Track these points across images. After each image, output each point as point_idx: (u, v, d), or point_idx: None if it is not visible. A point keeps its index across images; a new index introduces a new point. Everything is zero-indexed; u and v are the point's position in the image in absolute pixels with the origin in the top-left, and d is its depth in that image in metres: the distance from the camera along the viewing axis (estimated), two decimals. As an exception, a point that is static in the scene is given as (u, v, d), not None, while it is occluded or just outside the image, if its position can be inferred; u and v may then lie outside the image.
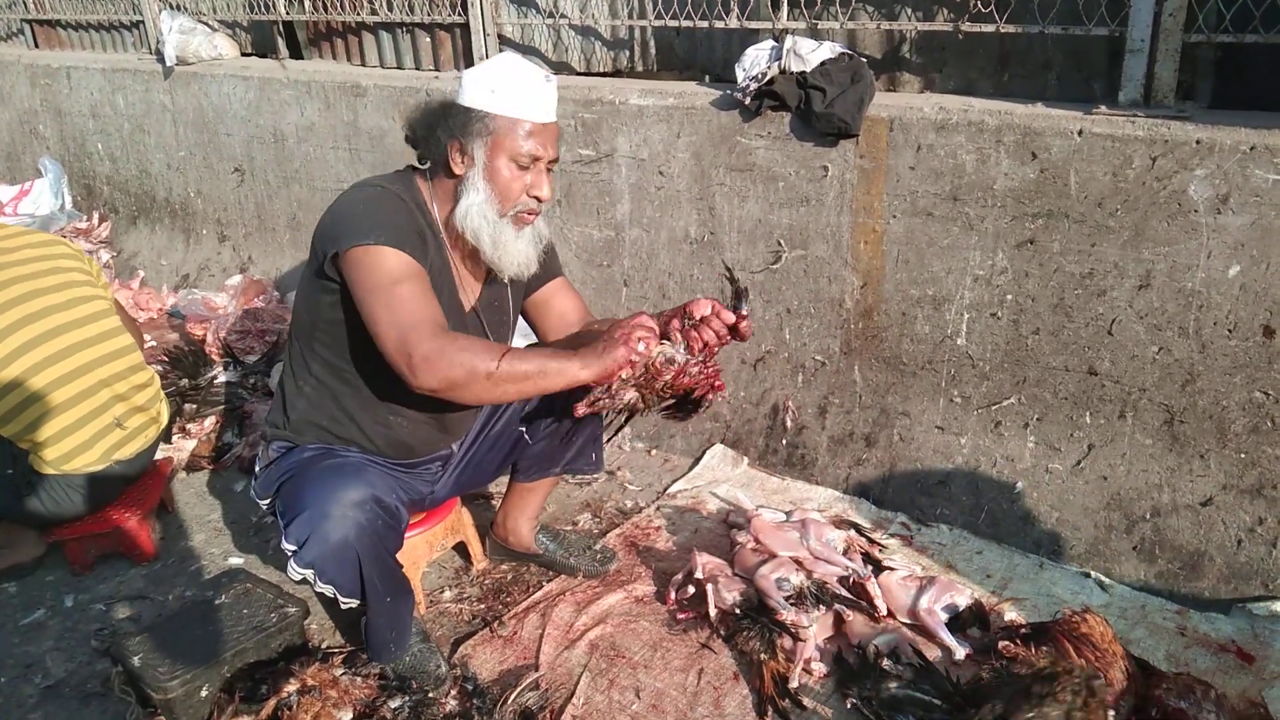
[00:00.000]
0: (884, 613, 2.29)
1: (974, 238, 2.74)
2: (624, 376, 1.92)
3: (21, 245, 2.67)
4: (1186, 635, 2.29)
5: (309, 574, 1.97)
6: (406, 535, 2.18)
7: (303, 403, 2.17)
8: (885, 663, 2.10)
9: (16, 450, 2.54)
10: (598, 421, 2.48)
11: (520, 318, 2.41)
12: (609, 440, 2.52)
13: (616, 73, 3.76)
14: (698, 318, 2.04)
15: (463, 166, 2.03)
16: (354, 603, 2.06)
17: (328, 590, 2.01)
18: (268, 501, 2.17)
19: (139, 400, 2.75)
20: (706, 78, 3.49)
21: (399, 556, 2.11)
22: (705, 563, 2.45)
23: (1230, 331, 2.44)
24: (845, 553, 2.47)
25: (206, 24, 4.91)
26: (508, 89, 1.99)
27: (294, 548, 1.96)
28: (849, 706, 2.07)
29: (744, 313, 2.03)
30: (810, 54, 2.85)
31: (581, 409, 1.96)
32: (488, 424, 2.45)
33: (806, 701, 2.12)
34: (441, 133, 2.03)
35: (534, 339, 2.49)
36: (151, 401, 2.82)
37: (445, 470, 2.41)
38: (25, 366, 2.50)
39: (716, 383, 2.05)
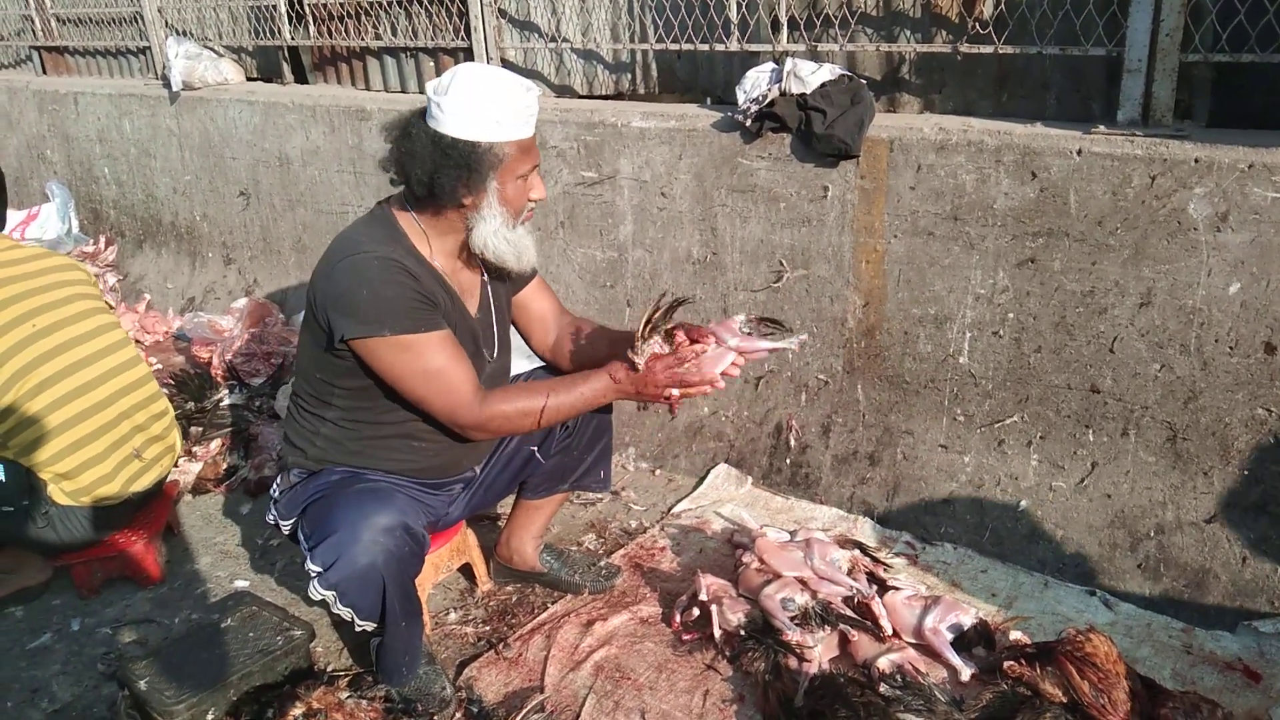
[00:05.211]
0: (889, 633, 2.28)
1: (975, 257, 2.75)
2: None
3: (37, 271, 2.64)
4: (1192, 653, 2.29)
5: (330, 595, 1.99)
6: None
7: (322, 440, 2.17)
8: (883, 687, 2.10)
9: (35, 480, 2.52)
10: (608, 439, 2.53)
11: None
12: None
13: (619, 95, 3.79)
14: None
15: (473, 198, 2.01)
16: (370, 626, 2.06)
17: (345, 613, 2.02)
18: (290, 523, 2.17)
19: (156, 430, 2.76)
20: (708, 100, 3.52)
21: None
22: (710, 584, 2.45)
23: (1232, 349, 2.45)
24: (850, 572, 2.46)
25: (212, 49, 4.97)
26: (509, 116, 1.98)
27: (319, 569, 1.97)
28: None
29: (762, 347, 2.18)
30: (810, 76, 2.88)
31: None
32: (501, 445, 2.45)
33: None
34: (446, 176, 1.97)
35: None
36: (167, 430, 2.83)
37: (465, 490, 2.42)
38: (50, 400, 2.50)
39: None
